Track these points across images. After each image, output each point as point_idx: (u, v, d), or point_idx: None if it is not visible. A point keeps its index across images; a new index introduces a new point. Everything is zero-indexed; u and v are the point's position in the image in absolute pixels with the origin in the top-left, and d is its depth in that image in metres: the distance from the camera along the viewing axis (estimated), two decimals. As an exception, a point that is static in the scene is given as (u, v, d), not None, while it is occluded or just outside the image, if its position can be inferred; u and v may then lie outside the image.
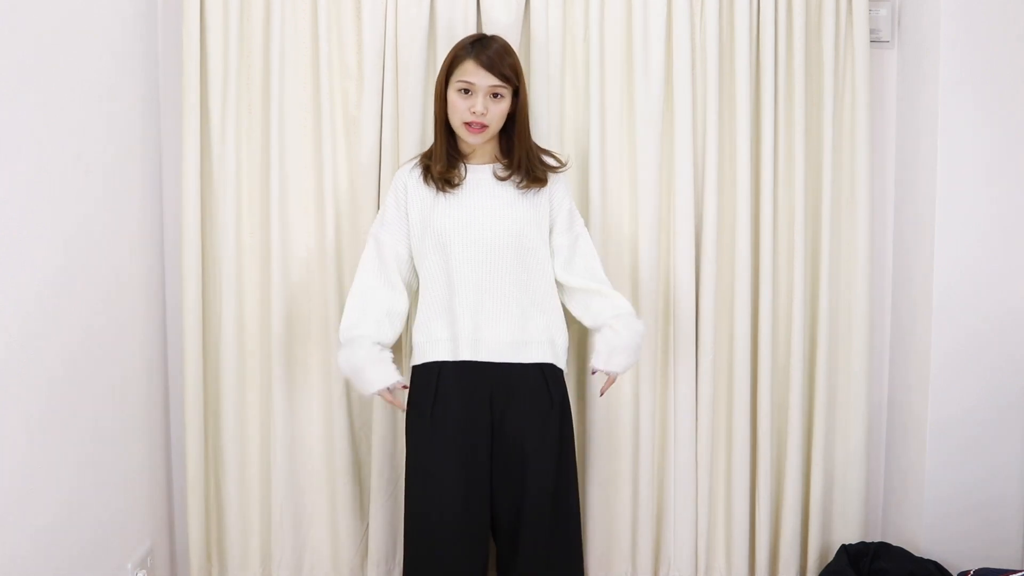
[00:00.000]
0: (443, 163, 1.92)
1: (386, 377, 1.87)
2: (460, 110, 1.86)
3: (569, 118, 2.24)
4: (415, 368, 1.94)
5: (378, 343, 1.90)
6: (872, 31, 2.28)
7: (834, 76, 2.24)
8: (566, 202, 2.00)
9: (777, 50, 2.23)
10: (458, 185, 1.91)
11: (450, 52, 1.91)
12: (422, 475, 1.89)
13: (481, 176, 1.94)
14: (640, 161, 2.21)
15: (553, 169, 1.98)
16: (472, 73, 1.85)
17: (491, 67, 1.84)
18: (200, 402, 2.20)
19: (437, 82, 1.92)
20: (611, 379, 1.99)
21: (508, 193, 1.93)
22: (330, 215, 2.18)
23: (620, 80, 2.22)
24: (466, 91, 1.86)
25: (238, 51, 2.15)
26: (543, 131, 2.18)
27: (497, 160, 1.97)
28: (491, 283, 1.89)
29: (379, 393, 1.88)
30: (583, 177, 2.24)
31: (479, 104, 1.85)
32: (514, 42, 2.14)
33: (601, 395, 2.05)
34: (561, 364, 1.96)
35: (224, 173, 2.17)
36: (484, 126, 1.87)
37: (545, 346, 1.93)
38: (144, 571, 2.11)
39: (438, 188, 1.92)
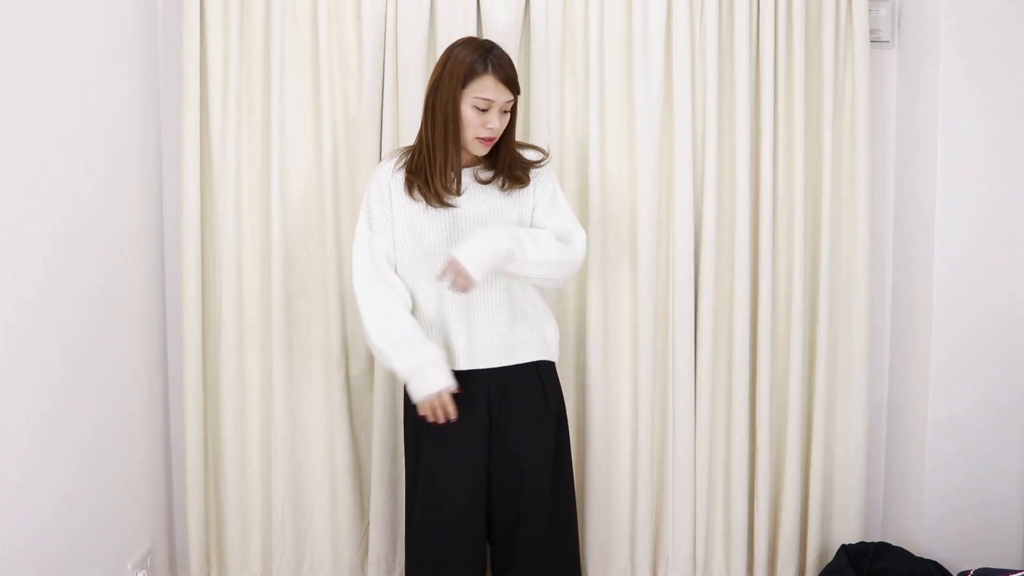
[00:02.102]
0: (449, 178, 1.83)
1: (445, 378, 1.79)
2: (475, 126, 1.80)
3: (569, 118, 2.23)
4: None
5: (430, 338, 1.84)
6: (872, 31, 2.27)
7: (834, 76, 2.24)
8: (549, 188, 1.92)
9: (777, 50, 2.22)
10: (451, 205, 1.84)
11: (457, 63, 1.79)
12: (422, 481, 1.89)
13: (464, 181, 1.87)
14: (640, 160, 2.21)
15: (535, 165, 1.91)
16: (493, 90, 1.78)
17: (509, 83, 1.80)
18: (200, 402, 2.20)
19: (444, 95, 1.79)
20: (449, 264, 1.78)
21: (493, 197, 1.88)
22: (330, 214, 2.18)
23: (620, 80, 2.22)
24: (484, 109, 1.79)
25: (238, 51, 2.15)
26: (543, 131, 2.18)
27: (477, 163, 1.90)
28: (482, 290, 1.85)
29: (438, 394, 1.78)
30: (583, 177, 2.24)
31: (495, 120, 1.80)
32: (514, 42, 2.14)
33: (438, 278, 1.82)
34: (552, 357, 1.95)
35: (224, 173, 2.17)
36: (494, 139, 1.84)
37: (537, 345, 1.92)
38: (144, 571, 2.11)
39: (431, 203, 1.83)
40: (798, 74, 2.23)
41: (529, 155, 1.93)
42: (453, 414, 1.80)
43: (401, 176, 1.87)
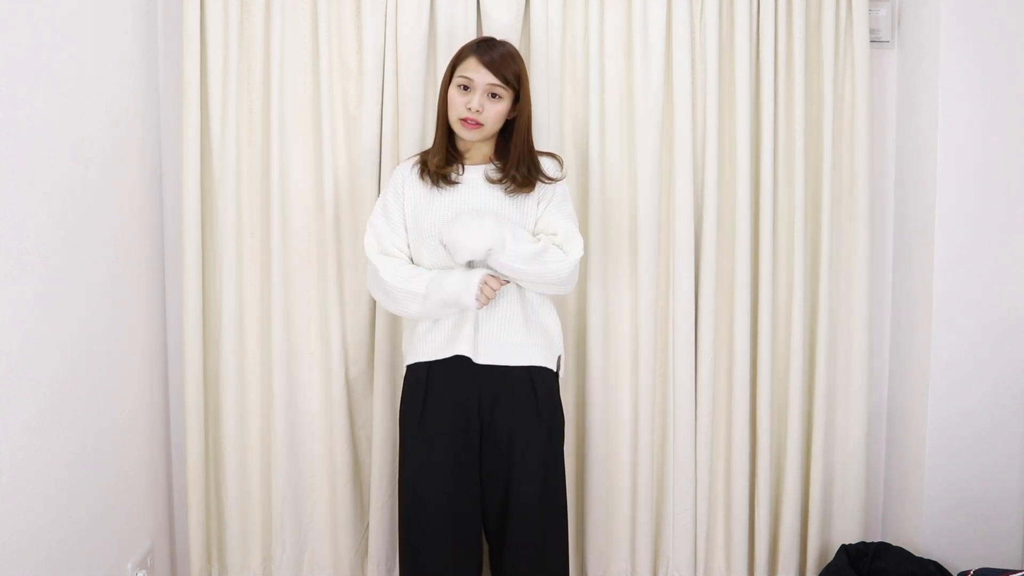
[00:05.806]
0: (441, 156, 1.92)
1: (469, 278, 1.81)
2: (457, 105, 1.87)
3: (569, 118, 2.23)
4: (408, 367, 1.95)
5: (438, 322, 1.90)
6: (872, 31, 2.27)
7: (834, 76, 2.24)
8: (559, 193, 1.94)
9: (777, 50, 2.23)
10: (455, 182, 1.91)
11: (455, 53, 1.93)
12: (412, 474, 1.91)
13: (472, 176, 1.93)
14: (640, 160, 2.21)
15: (550, 180, 1.93)
16: (472, 70, 1.86)
17: (492, 66, 1.85)
18: (200, 402, 2.20)
19: (443, 85, 1.93)
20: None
21: (496, 196, 1.91)
22: (330, 215, 2.18)
23: (620, 80, 2.22)
24: (465, 87, 1.87)
25: (238, 51, 2.15)
26: (543, 131, 2.17)
27: (491, 162, 1.96)
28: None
29: (483, 282, 1.81)
30: (583, 176, 2.24)
31: (475, 101, 1.85)
32: (514, 42, 2.14)
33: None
34: (551, 364, 1.94)
35: (224, 173, 2.17)
36: (479, 124, 1.87)
37: (534, 349, 1.91)
38: (144, 571, 2.11)
39: (433, 182, 1.91)
40: (798, 74, 2.23)
41: (547, 164, 1.95)
42: (498, 282, 1.84)
43: (416, 170, 1.96)
